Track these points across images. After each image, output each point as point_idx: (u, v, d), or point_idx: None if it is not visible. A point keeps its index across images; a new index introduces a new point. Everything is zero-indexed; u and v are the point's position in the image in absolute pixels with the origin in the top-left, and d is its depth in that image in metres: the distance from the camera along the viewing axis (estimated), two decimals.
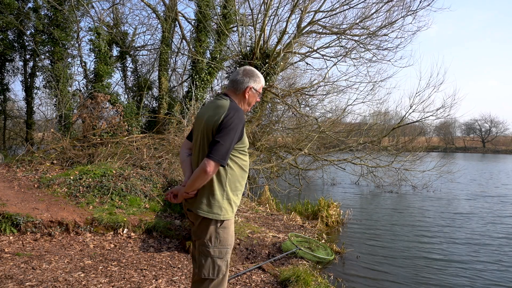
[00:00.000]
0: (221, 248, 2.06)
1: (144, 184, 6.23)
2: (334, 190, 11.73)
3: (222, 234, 2.06)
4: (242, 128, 1.99)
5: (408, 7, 9.30)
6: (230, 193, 2.05)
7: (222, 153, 1.90)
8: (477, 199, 10.27)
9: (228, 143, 1.91)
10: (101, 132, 8.90)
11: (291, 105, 10.80)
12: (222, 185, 2.02)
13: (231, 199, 2.06)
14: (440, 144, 47.74)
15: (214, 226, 2.04)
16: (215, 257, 2.05)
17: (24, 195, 5.52)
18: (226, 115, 1.95)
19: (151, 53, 14.15)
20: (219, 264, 2.06)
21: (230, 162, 2.02)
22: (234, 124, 1.93)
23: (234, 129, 1.92)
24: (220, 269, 2.07)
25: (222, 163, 1.92)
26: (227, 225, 2.07)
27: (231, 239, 2.12)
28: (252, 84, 2.13)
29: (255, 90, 2.15)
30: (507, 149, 44.04)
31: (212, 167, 1.90)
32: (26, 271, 3.48)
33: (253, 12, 9.32)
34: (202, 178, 1.93)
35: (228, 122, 1.92)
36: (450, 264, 5.01)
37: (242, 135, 2.01)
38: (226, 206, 2.04)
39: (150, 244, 4.61)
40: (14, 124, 15.43)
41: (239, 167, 2.08)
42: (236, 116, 1.95)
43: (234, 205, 2.09)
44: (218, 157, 1.90)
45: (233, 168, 2.04)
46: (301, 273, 3.62)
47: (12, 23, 10.90)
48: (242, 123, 1.98)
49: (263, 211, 7.20)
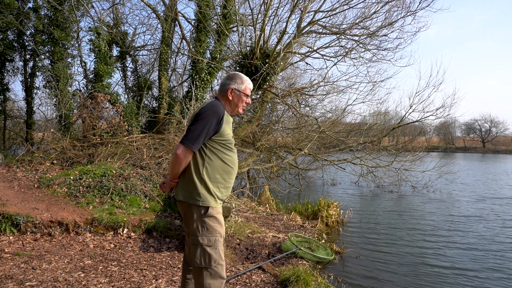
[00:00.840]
0: (209, 237, 2.16)
1: (144, 184, 6.23)
2: (334, 190, 11.73)
3: (209, 222, 2.16)
4: (218, 120, 2.13)
5: (408, 8, 9.31)
6: (209, 183, 2.17)
7: (191, 138, 2.08)
8: (478, 199, 10.27)
9: (198, 130, 2.08)
10: (101, 132, 8.89)
11: (291, 105, 10.80)
12: (199, 173, 2.16)
13: (211, 189, 2.17)
14: (440, 144, 47.72)
15: (199, 214, 2.15)
16: (204, 246, 2.15)
17: (24, 195, 5.52)
18: (201, 108, 2.16)
19: (151, 53, 14.15)
20: (209, 252, 2.15)
21: (208, 152, 2.16)
22: (206, 114, 2.10)
23: (205, 118, 2.09)
24: (211, 257, 2.15)
25: (191, 147, 2.08)
26: (212, 214, 2.17)
27: (219, 229, 2.20)
28: (234, 86, 2.28)
29: (237, 91, 2.29)
30: (507, 149, 44.03)
31: (181, 150, 2.09)
32: (26, 271, 3.48)
33: (253, 12, 9.32)
34: (175, 161, 2.13)
35: (201, 112, 2.12)
36: (450, 264, 5.01)
37: (218, 127, 2.14)
38: (205, 193, 2.15)
39: (150, 244, 4.61)
40: (14, 124, 15.42)
41: (220, 159, 2.20)
42: (210, 108, 2.13)
43: (215, 196, 2.19)
44: (187, 141, 2.08)
45: (212, 158, 2.17)
46: (301, 273, 3.62)
47: (12, 23, 10.90)
48: (216, 115, 2.12)
49: (263, 211, 7.20)
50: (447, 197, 10.59)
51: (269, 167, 10.95)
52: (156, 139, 8.50)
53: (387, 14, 9.42)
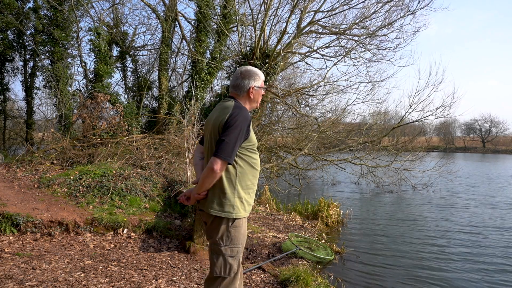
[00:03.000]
0: (232, 247, 2.10)
1: (144, 184, 6.23)
2: (334, 190, 11.72)
3: (234, 233, 2.09)
4: (248, 126, 2.05)
5: (407, 7, 9.32)
6: (242, 192, 2.09)
7: (228, 150, 1.95)
8: (478, 199, 10.27)
9: (233, 141, 1.96)
10: (101, 132, 8.89)
11: (291, 105, 10.80)
12: (232, 183, 2.06)
13: (243, 198, 2.10)
14: (440, 144, 47.71)
15: (226, 225, 2.08)
16: (226, 256, 2.09)
17: (24, 195, 5.52)
18: (230, 115, 2.01)
19: (151, 53, 14.15)
20: (230, 262, 2.10)
21: (239, 160, 2.07)
22: (238, 122, 1.98)
23: (238, 127, 1.98)
24: (232, 268, 2.11)
25: (229, 160, 1.97)
26: (238, 224, 2.11)
27: (242, 238, 2.14)
28: (253, 84, 2.20)
29: (257, 87, 2.22)
30: (507, 149, 44.03)
31: (219, 165, 1.95)
32: (26, 271, 3.48)
33: (253, 12, 9.33)
34: (211, 177, 1.98)
35: (233, 121, 1.98)
36: (451, 264, 5.01)
37: (248, 133, 2.06)
38: (238, 205, 2.07)
39: (150, 244, 4.61)
40: (14, 124, 15.42)
41: (249, 165, 2.12)
42: (240, 115, 2.01)
43: (246, 204, 2.12)
44: (224, 155, 1.94)
45: (242, 166, 2.09)
46: (301, 273, 3.62)
47: (12, 23, 10.90)
48: (247, 122, 2.03)
49: (263, 211, 7.20)
50: (447, 197, 10.59)
51: (269, 167, 10.94)
52: (156, 139, 8.51)
53: (386, 14, 9.44)
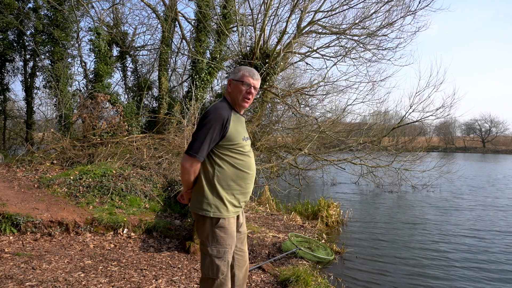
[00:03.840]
0: (219, 248, 2.08)
1: (144, 184, 6.23)
2: (334, 190, 11.72)
3: (219, 233, 2.07)
4: (222, 124, 2.01)
5: (408, 7, 9.31)
6: (222, 192, 2.07)
7: (195, 147, 1.99)
8: (478, 199, 10.27)
9: (202, 137, 1.98)
10: (101, 132, 8.89)
11: (291, 105, 10.80)
12: (210, 182, 2.07)
13: (224, 198, 2.07)
14: (440, 144, 47.69)
15: (210, 225, 2.08)
16: (213, 256, 2.08)
17: (24, 195, 5.52)
18: (204, 112, 2.06)
19: (151, 53, 14.14)
20: (217, 263, 2.08)
21: (218, 160, 2.07)
22: (208, 119, 1.99)
23: (208, 124, 1.98)
24: (219, 269, 2.09)
25: (195, 156, 1.99)
26: (223, 225, 2.08)
27: (229, 239, 2.11)
28: (231, 77, 2.18)
29: (235, 80, 2.15)
30: (507, 149, 44.01)
31: (186, 161, 2.02)
32: (26, 271, 3.48)
33: (253, 12, 9.32)
34: (182, 173, 2.06)
35: (204, 118, 2.01)
36: (451, 264, 5.01)
37: (224, 131, 2.02)
38: (218, 204, 2.06)
39: (150, 244, 4.61)
40: (14, 124, 15.43)
41: (231, 165, 2.09)
42: (213, 112, 2.01)
43: (229, 205, 2.09)
44: (191, 151, 1.99)
45: (223, 166, 2.07)
46: (301, 273, 3.62)
47: (12, 23, 10.90)
48: (220, 119, 2.00)
49: (263, 211, 7.20)
50: (447, 197, 10.59)
51: (269, 167, 10.94)
52: (156, 139, 8.51)
53: (387, 14, 9.43)
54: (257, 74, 2.18)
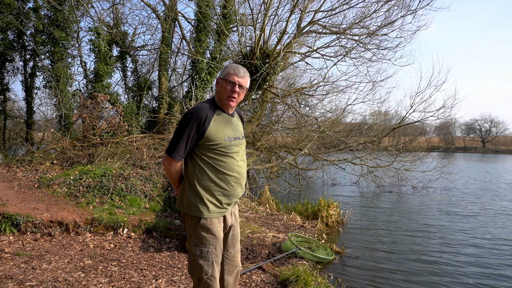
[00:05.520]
0: (201, 247, 2.07)
1: (144, 184, 6.23)
2: (334, 190, 11.72)
3: (202, 233, 2.07)
4: (199, 123, 1.99)
5: (408, 7, 9.30)
6: (202, 191, 2.06)
7: (172, 146, 2.04)
8: (478, 199, 10.27)
9: (178, 136, 2.01)
10: (101, 132, 8.89)
11: (291, 105, 10.79)
12: (190, 182, 2.10)
13: (205, 198, 2.06)
14: (440, 144, 47.67)
15: (193, 224, 2.10)
16: (196, 256, 2.09)
17: (24, 195, 5.52)
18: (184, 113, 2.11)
19: (151, 53, 14.13)
20: (200, 263, 2.07)
21: (197, 159, 2.07)
22: (184, 119, 2.01)
23: (183, 124, 2.00)
24: (202, 268, 2.07)
25: (170, 154, 2.03)
26: (205, 225, 2.07)
27: (213, 240, 2.09)
28: (218, 75, 2.18)
29: (221, 79, 2.12)
30: (507, 149, 43.99)
31: (164, 160, 2.10)
32: (26, 271, 3.47)
33: (253, 12, 9.31)
34: (166, 171, 2.15)
35: (182, 118, 2.04)
36: (451, 264, 5.01)
37: (202, 130, 2.00)
38: (198, 204, 2.06)
39: (150, 244, 4.61)
40: (14, 124, 15.43)
41: (210, 166, 2.06)
42: (190, 112, 2.03)
43: (211, 205, 2.07)
44: (168, 150, 2.05)
45: (202, 166, 2.06)
46: (301, 273, 3.61)
47: (12, 23, 10.90)
48: (196, 118, 1.99)
49: (263, 211, 7.20)
50: (447, 197, 10.58)
51: (269, 167, 10.95)
52: (156, 139, 8.51)
53: (387, 13, 9.42)
54: (244, 71, 2.10)
